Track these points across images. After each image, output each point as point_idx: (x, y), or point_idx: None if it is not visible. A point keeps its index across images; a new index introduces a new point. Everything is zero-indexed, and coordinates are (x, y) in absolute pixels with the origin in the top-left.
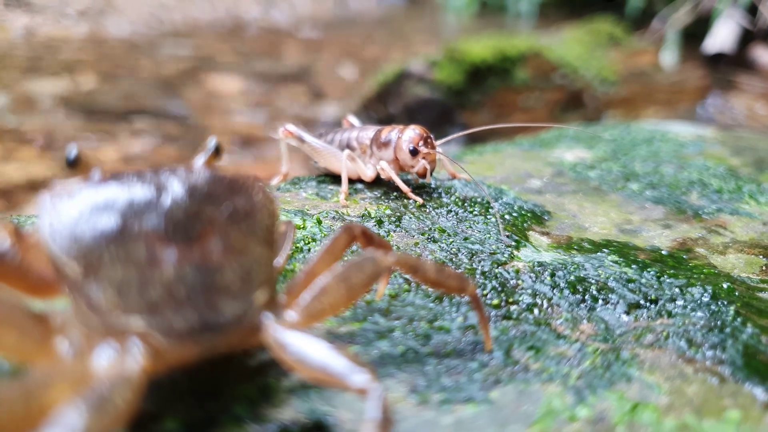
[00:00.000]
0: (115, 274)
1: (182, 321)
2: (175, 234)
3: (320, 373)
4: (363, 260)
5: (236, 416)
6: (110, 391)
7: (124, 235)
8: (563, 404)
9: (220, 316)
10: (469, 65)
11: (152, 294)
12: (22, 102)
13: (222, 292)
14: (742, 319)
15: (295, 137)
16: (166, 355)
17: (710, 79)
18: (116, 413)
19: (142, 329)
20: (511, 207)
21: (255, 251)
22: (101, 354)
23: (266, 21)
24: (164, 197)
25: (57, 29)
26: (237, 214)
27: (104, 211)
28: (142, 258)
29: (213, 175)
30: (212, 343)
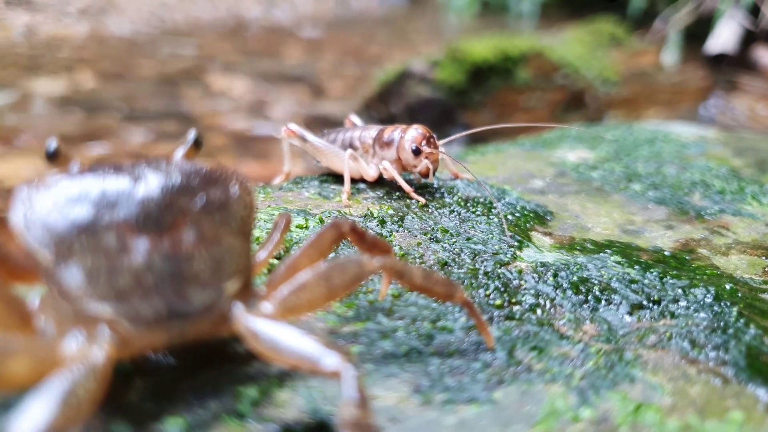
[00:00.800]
0: (84, 263)
1: (150, 309)
2: (146, 224)
3: (293, 359)
4: (347, 261)
5: (239, 415)
6: (77, 378)
7: (94, 225)
8: (566, 405)
9: (188, 305)
10: (470, 65)
11: (121, 282)
12: (23, 100)
13: (191, 281)
14: (745, 320)
15: (298, 136)
16: (134, 341)
17: (712, 80)
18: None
19: (110, 316)
20: (514, 207)
21: (228, 242)
22: (70, 340)
23: (268, 20)
24: (138, 188)
25: (58, 28)
26: (211, 205)
27: (77, 201)
28: (112, 247)
29: (189, 166)
30: (180, 331)
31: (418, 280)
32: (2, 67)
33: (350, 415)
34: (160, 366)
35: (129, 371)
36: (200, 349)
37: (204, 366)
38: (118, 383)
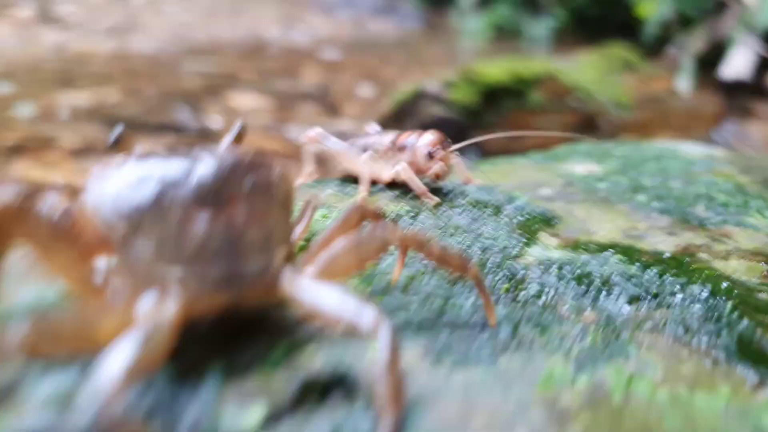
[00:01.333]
0: (154, 233)
1: (213, 272)
2: (205, 200)
3: (333, 315)
4: (374, 233)
5: (271, 363)
6: (152, 331)
7: (162, 200)
8: (564, 372)
9: (245, 269)
10: (484, 86)
11: (187, 249)
12: (52, 112)
13: (246, 248)
14: (738, 313)
15: (319, 141)
16: (198, 301)
17: (726, 106)
18: (156, 350)
19: (179, 278)
20: (522, 210)
21: (274, 215)
22: (143, 300)
23: (286, 41)
24: (196, 170)
25: (86, 45)
26: (258, 185)
27: (145, 180)
28: (178, 219)
29: (238, 152)
30: (238, 293)
31: (436, 251)
32: (33, 81)
33: (384, 362)
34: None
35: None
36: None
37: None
38: None
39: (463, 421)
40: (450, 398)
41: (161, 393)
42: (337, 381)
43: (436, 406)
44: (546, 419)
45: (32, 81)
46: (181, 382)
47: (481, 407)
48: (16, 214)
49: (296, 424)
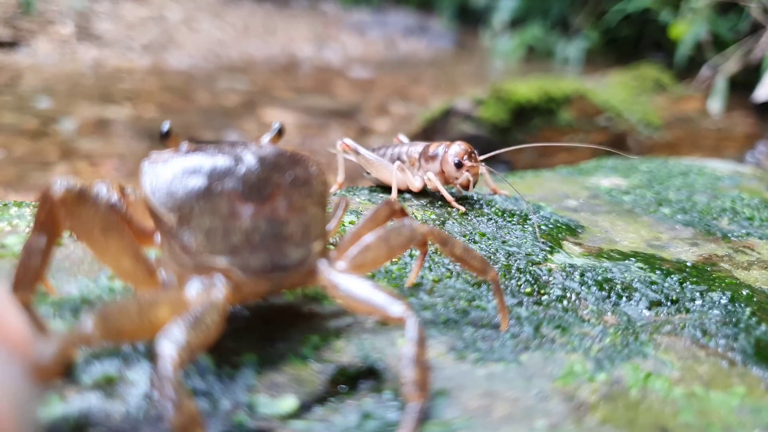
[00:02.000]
0: (203, 223)
1: (257, 261)
2: (250, 193)
3: (365, 306)
4: (401, 226)
5: (303, 356)
6: (203, 314)
7: (209, 193)
8: (584, 369)
9: (286, 259)
10: (514, 104)
11: (233, 239)
12: (91, 127)
13: (288, 240)
14: (756, 319)
15: (352, 150)
16: (243, 288)
17: (760, 128)
18: (207, 331)
19: (226, 266)
20: (548, 220)
21: (312, 210)
22: (192, 286)
23: (319, 60)
24: (241, 165)
25: (122, 61)
26: (297, 180)
27: (194, 173)
28: (225, 211)
29: (278, 149)
30: (280, 281)
31: (458, 250)
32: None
33: (410, 351)
34: (237, 315)
35: None
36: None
37: (274, 318)
38: None
39: (485, 411)
40: (473, 390)
41: (200, 382)
42: (366, 373)
43: (459, 397)
44: (565, 410)
45: (71, 96)
46: (218, 373)
47: (503, 399)
48: (70, 203)
49: (327, 413)
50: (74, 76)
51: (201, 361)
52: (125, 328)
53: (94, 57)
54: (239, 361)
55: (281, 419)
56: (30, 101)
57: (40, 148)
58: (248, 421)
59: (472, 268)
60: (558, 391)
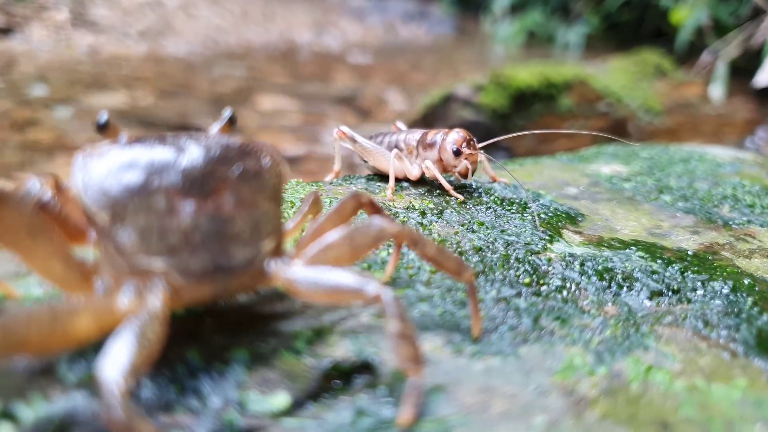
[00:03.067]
0: (139, 222)
1: (198, 263)
2: (191, 188)
3: (335, 293)
4: (370, 225)
5: (295, 351)
6: (142, 328)
7: (146, 189)
8: (584, 362)
9: (231, 260)
10: (514, 90)
11: (171, 239)
12: (86, 114)
13: (233, 239)
14: (759, 309)
15: (348, 138)
16: (184, 293)
17: (760, 113)
18: (150, 346)
19: (163, 269)
20: (547, 208)
21: (263, 206)
22: (126, 292)
23: (318, 45)
24: (182, 157)
25: (119, 48)
26: (247, 173)
27: (129, 168)
28: (163, 209)
29: (226, 139)
30: (224, 284)
31: (431, 251)
32: (67, 84)
33: (394, 327)
34: (227, 309)
35: (200, 311)
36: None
37: (265, 311)
38: (192, 321)
39: (482, 407)
40: (470, 385)
41: (188, 380)
42: (361, 367)
43: (456, 393)
44: (564, 406)
45: (67, 83)
46: (207, 369)
47: (501, 394)
48: None
49: (320, 409)
50: (70, 63)
51: (189, 357)
52: (31, 340)
53: (89, 43)
54: (229, 357)
55: (272, 417)
56: (24, 88)
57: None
58: (238, 419)
59: (446, 270)
60: (557, 385)
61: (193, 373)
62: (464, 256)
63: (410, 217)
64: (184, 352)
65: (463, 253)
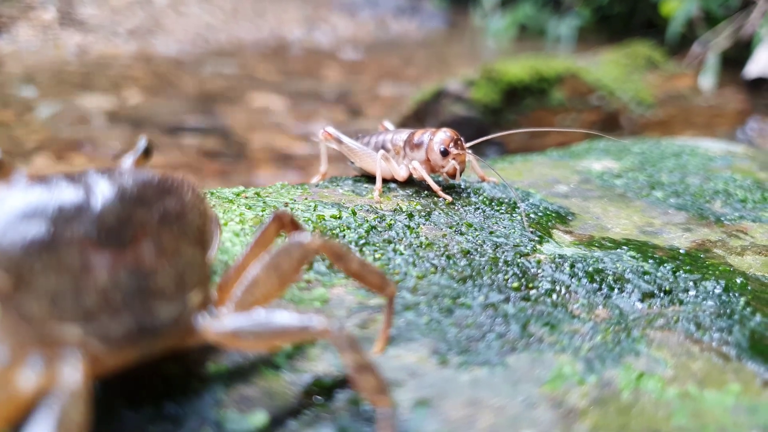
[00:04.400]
0: (48, 283)
1: (119, 327)
2: (107, 239)
3: (278, 337)
4: (290, 245)
5: (275, 366)
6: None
7: (55, 243)
8: (573, 370)
9: (156, 320)
10: (505, 85)
11: (87, 301)
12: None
13: (157, 295)
14: (751, 309)
15: (334, 139)
16: (104, 360)
17: (751, 104)
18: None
19: (79, 338)
20: (537, 207)
21: (187, 253)
22: (32, 365)
23: (309, 42)
24: (94, 201)
25: (108, 47)
26: (168, 216)
27: (33, 217)
28: (76, 265)
29: (142, 176)
30: (150, 346)
31: (354, 266)
32: (55, 84)
33: (350, 361)
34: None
35: None
36: None
37: None
38: None
39: (468, 422)
40: (456, 398)
41: (162, 398)
42: (342, 382)
43: (441, 407)
44: (553, 418)
45: (54, 83)
46: (183, 387)
47: (487, 407)
48: None
49: (300, 428)
50: (57, 62)
51: (165, 374)
52: None
53: (77, 43)
54: (206, 374)
55: None
56: (11, 89)
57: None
58: None
59: (369, 285)
60: (546, 396)
61: (168, 390)
62: (452, 259)
63: (397, 220)
64: (160, 369)
65: (451, 257)
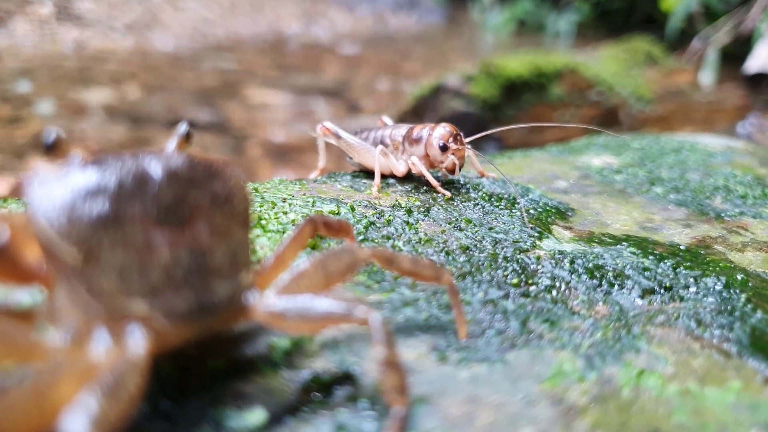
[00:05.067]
0: (115, 259)
1: (182, 302)
2: (166, 217)
3: (323, 321)
4: (341, 251)
5: (273, 363)
6: (121, 377)
7: (120, 219)
8: (573, 367)
9: (214, 297)
10: (504, 80)
11: (152, 277)
12: (72, 110)
13: (214, 273)
14: (752, 306)
15: (332, 134)
16: (167, 336)
17: (751, 99)
18: (130, 399)
19: (146, 312)
20: (537, 203)
21: (237, 233)
22: (101, 340)
23: (307, 37)
24: (152, 181)
25: (105, 42)
26: (218, 198)
27: (98, 195)
28: (140, 242)
29: (190, 159)
30: (208, 323)
31: (406, 265)
32: (52, 79)
33: (381, 354)
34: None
35: None
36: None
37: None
38: None
39: (468, 419)
40: (455, 395)
41: (160, 396)
42: (341, 379)
43: (440, 404)
44: (553, 416)
45: (52, 79)
46: (180, 384)
47: (487, 404)
48: None
49: (299, 425)
50: (55, 57)
51: (162, 371)
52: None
53: (75, 38)
54: (204, 371)
55: None
56: (8, 84)
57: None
58: None
59: (425, 279)
60: (546, 394)
61: (165, 387)
62: (451, 255)
63: (396, 216)
64: (156, 366)
65: (450, 253)
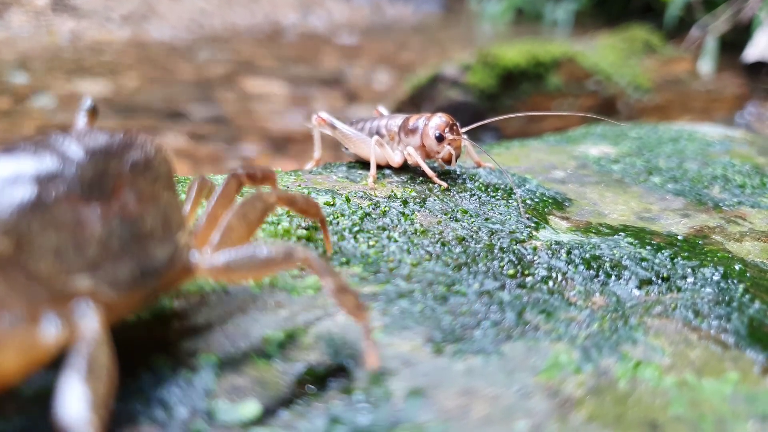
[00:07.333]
0: (49, 241)
1: (124, 271)
2: (91, 192)
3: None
4: (253, 198)
5: (267, 355)
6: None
7: (45, 202)
8: (570, 359)
9: (154, 260)
10: (502, 70)
11: (90, 252)
12: (69, 101)
13: (149, 237)
14: (750, 296)
15: (328, 124)
16: (117, 306)
17: (749, 88)
18: (109, 374)
19: (91, 287)
20: (534, 193)
21: (164, 196)
22: (50, 321)
23: (304, 27)
24: (69, 159)
25: (101, 33)
26: (138, 165)
27: (18, 182)
28: (70, 220)
29: (105, 133)
30: (154, 287)
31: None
32: (49, 70)
33: (330, 284)
34: (194, 311)
35: (167, 314)
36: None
37: (234, 314)
38: (158, 325)
39: (463, 412)
40: (450, 388)
41: (153, 389)
42: (335, 371)
43: (435, 397)
44: (548, 408)
45: (48, 70)
46: (173, 376)
47: (482, 397)
48: None
49: (292, 417)
50: (51, 49)
51: (155, 364)
52: None
53: (71, 29)
54: (197, 363)
55: (242, 426)
56: (4, 75)
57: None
58: (207, 430)
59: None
60: (541, 386)
61: (158, 381)
62: (447, 246)
63: (392, 207)
64: (150, 359)
65: (446, 244)
